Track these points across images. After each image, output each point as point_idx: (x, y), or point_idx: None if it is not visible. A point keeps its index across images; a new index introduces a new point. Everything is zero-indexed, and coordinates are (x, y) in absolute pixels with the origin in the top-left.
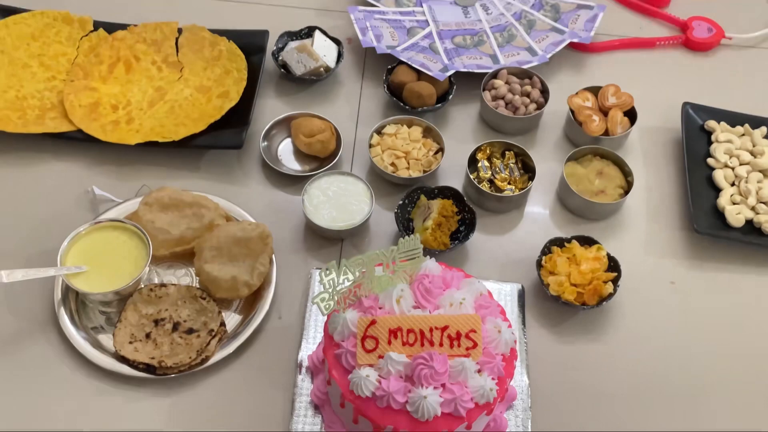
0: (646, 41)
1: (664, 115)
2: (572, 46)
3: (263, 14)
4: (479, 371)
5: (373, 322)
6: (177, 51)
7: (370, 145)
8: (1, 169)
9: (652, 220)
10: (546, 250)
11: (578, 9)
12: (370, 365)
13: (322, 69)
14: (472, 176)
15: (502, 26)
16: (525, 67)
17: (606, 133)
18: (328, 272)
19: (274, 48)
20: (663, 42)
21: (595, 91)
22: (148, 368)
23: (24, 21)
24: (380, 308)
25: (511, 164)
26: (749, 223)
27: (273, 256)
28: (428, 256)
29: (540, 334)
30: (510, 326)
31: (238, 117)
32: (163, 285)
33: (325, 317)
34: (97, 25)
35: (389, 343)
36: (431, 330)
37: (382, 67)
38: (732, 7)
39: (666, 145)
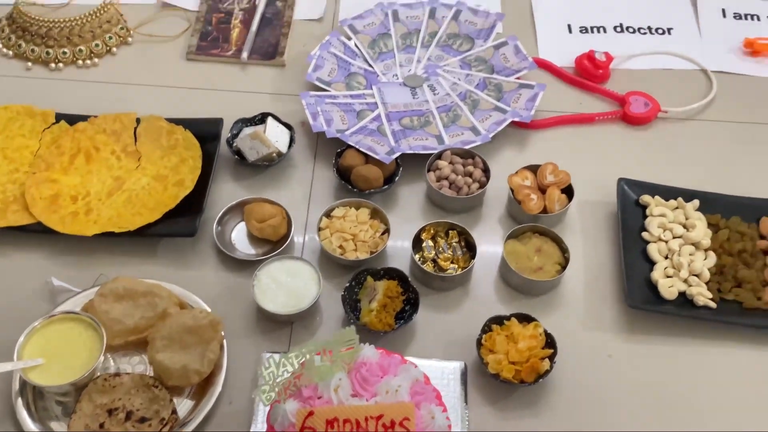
0: (586, 117)
1: (602, 189)
2: (514, 124)
3: (219, 100)
4: None
5: (311, 413)
6: (135, 140)
7: (319, 229)
8: None
9: (589, 294)
10: (486, 329)
11: (520, 88)
12: None
13: (274, 154)
14: (416, 256)
15: (448, 106)
16: (468, 147)
17: (545, 210)
18: (267, 366)
19: (229, 134)
20: (602, 117)
21: (534, 169)
22: None
23: None
24: (319, 398)
25: (455, 243)
26: (682, 295)
27: (224, 342)
28: (366, 343)
29: (482, 411)
30: (445, 410)
31: (193, 204)
32: (117, 374)
33: (268, 407)
34: (59, 117)
35: None
36: (366, 419)
37: (334, 149)
38: (668, 81)
39: (604, 219)
